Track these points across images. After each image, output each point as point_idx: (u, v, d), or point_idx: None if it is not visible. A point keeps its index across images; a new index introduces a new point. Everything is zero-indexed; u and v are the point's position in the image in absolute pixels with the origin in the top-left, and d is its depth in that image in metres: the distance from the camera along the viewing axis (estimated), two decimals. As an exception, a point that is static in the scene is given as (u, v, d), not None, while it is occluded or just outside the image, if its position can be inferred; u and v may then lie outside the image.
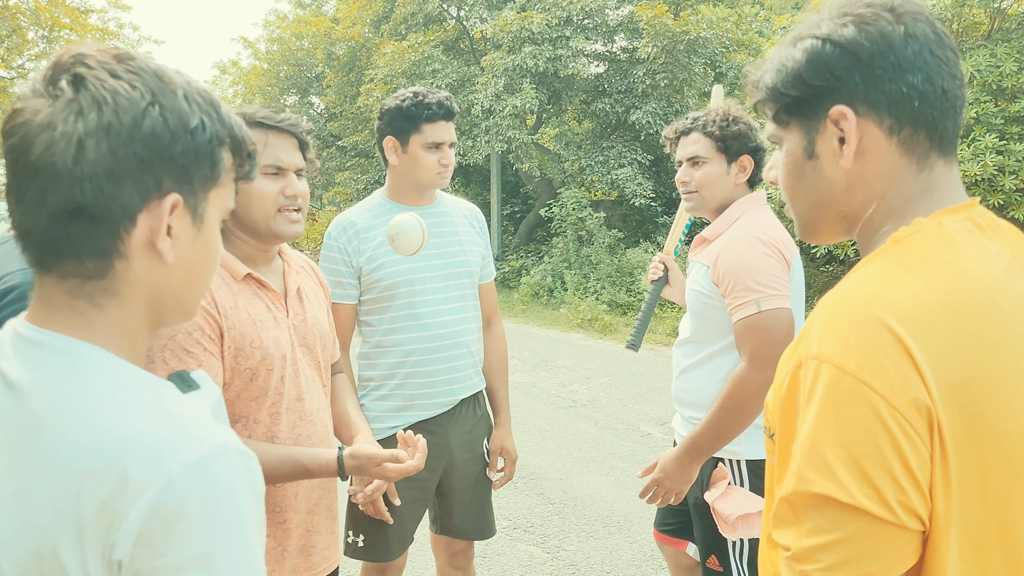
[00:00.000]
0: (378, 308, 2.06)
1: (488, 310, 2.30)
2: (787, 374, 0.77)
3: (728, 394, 1.81)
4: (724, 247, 1.89)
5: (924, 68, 0.79)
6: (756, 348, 1.80)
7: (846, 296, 0.77)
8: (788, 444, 0.76)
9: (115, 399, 0.68)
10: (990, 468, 0.71)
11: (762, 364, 1.78)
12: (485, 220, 2.28)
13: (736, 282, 1.83)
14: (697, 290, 1.98)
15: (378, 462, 1.51)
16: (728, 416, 1.82)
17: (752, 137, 1.99)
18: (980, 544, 0.72)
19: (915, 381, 0.70)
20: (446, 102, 2.03)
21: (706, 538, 2.00)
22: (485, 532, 2.29)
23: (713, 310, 1.93)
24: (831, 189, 0.85)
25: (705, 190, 1.99)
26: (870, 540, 0.69)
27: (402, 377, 2.06)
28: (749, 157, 1.98)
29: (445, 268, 2.09)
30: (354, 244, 2.05)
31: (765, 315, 1.79)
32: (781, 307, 1.80)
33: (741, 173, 1.99)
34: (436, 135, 2.02)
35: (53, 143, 0.65)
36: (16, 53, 13.31)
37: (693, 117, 2.05)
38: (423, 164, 2.05)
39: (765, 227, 1.89)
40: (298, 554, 1.59)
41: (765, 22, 15.58)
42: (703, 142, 1.98)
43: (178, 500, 0.63)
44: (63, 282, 0.70)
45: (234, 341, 1.44)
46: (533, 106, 12.02)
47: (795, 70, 0.83)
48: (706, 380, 1.96)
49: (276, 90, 19.71)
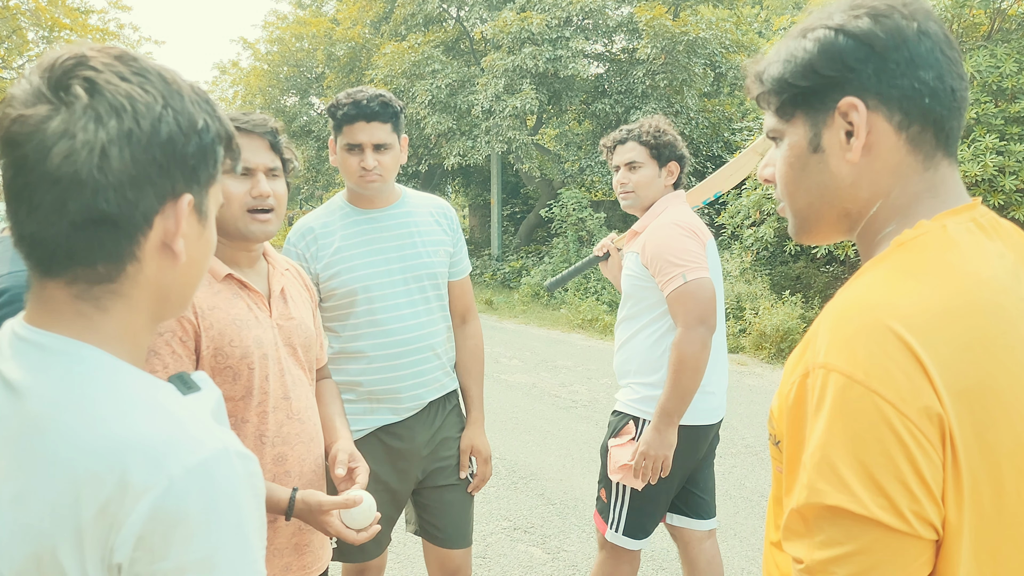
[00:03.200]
0: (339, 315, 2.02)
1: (463, 307, 2.24)
2: (794, 383, 0.75)
3: (675, 358, 2.12)
4: (649, 236, 2.24)
5: (936, 66, 0.78)
6: (687, 313, 2.12)
7: (852, 302, 0.75)
8: (796, 453, 0.75)
9: (115, 401, 0.67)
10: (1003, 475, 0.70)
11: (694, 324, 2.11)
12: (456, 216, 2.22)
13: (663, 262, 2.16)
14: (630, 274, 2.32)
15: (326, 509, 1.46)
16: (681, 376, 2.11)
17: (678, 147, 2.33)
18: (996, 551, 0.71)
19: (925, 388, 0.68)
20: (366, 103, 1.92)
21: (602, 475, 2.37)
22: (469, 536, 2.23)
23: (644, 290, 2.26)
24: (836, 184, 0.83)
25: (640, 191, 2.33)
26: (884, 551, 0.68)
27: (367, 384, 2.03)
28: (676, 163, 2.34)
29: (405, 272, 2.04)
30: (312, 250, 2.01)
31: (690, 284, 2.12)
32: (703, 276, 2.14)
33: (669, 176, 2.34)
34: (353, 136, 1.94)
35: (74, 152, 0.64)
36: (16, 54, 13.32)
37: (627, 128, 2.37)
38: (344, 167, 2.00)
39: (682, 216, 2.25)
40: (291, 552, 1.59)
41: (765, 23, 15.58)
42: (638, 149, 2.31)
43: (179, 503, 0.63)
44: (70, 286, 0.70)
45: (212, 341, 1.44)
46: (533, 107, 12.02)
47: (806, 60, 0.81)
48: (639, 346, 2.29)
49: (276, 91, 19.70)
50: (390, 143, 1.98)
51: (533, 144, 12.99)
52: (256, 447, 1.51)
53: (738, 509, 3.95)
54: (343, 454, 1.61)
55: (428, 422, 2.12)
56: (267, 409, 1.52)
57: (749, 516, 3.86)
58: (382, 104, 1.94)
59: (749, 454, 4.78)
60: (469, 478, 2.21)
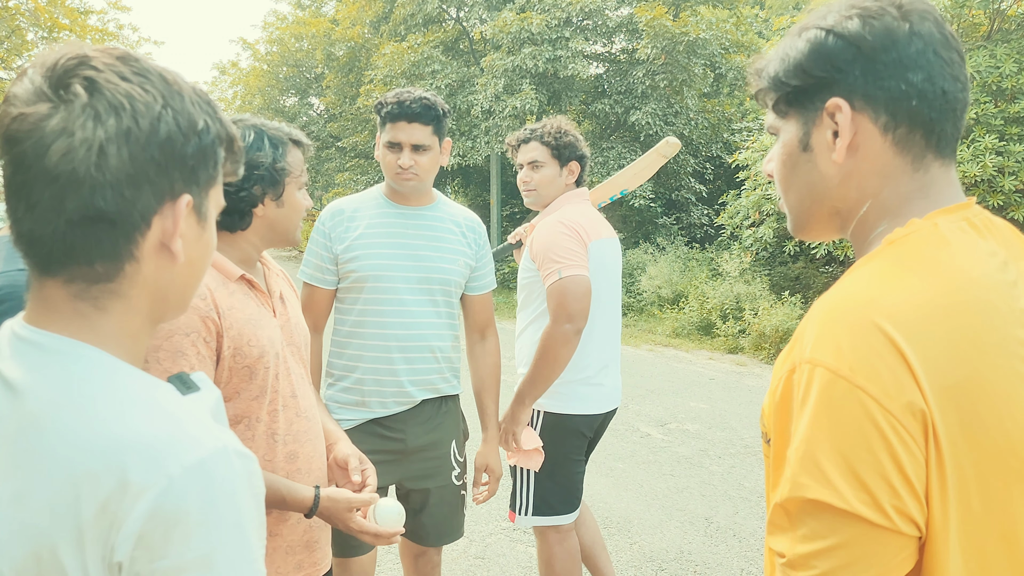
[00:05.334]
0: (349, 298, 2.07)
1: (482, 321, 2.27)
2: (781, 378, 0.76)
3: (539, 348, 2.26)
4: (537, 232, 2.37)
5: (926, 67, 0.78)
6: (557, 307, 2.22)
7: (840, 299, 0.76)
8: (783, 449, 0.75)
9: (114, 401, 0.67)
10: (989, 471, 0.70)
11: (562, 319, 2.21)
12: (484, 231, 2.25)
13: (544, 257, 2.28)
14: (523, 267, 2.47)
15: (352, 507, 1.52)
16: (538, 365, 2.26)
17: (579, 147, 2.44)
18: (983, 548, 0.70)
19: (909, 384, 0.69)
20: (410, 103, 1.98)
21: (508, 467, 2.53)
22: (447, 536, 2.26)
23: (532, 282, 2.40)
24: (824, 183, 0.84)
25: (541, 189, 2.45)
26: (865, 545, 0.69)
27: (361, 372, 2.06)
28: (576, 163, 2.44)
29: (418, 271, 2.06)
30: (338, 231, 2.05)
31: (565, 280, 2.22)
32: (578, 274, 2.23)
33: (570, 175, 2.45)
34: (393, 135, 2.01)
35: (72, 150, 0.65)
36: (16, 54, 13.31)
37: (531, 128, 2.47)
38: (384, 163, 2.07)
39: (571, 215, 2.34)
40: (303, 550, 1.60)
41: (765, 23, 15.59)
42: (540, 149, 2.43)
43: (178, 502, 0.63)
44: (68, 285, 0.70)
45: (233, 340, 1.45)
46: (533, 107, 12.02)
47: (797, 59, 0.82)
48: (531, 338, 2.41)
49: (276, 91, 19.72)
50: (429, 145, 2.03)
51: (533, 144, 12.98)
52: (268, 446, 1.52)
53: (737, 509, 3.95)
54: (354, 460, 1.65)
55: (421, 420, 2.13)
56: (277, 407, 1.53)
57: (748, 516, 3.86)
58: (424, 106, 1.99)
59: (748, 454, 4.79)
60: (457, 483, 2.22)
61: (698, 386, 6.61)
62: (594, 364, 2.38)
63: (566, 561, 2.45)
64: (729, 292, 8.73)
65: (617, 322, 2.50)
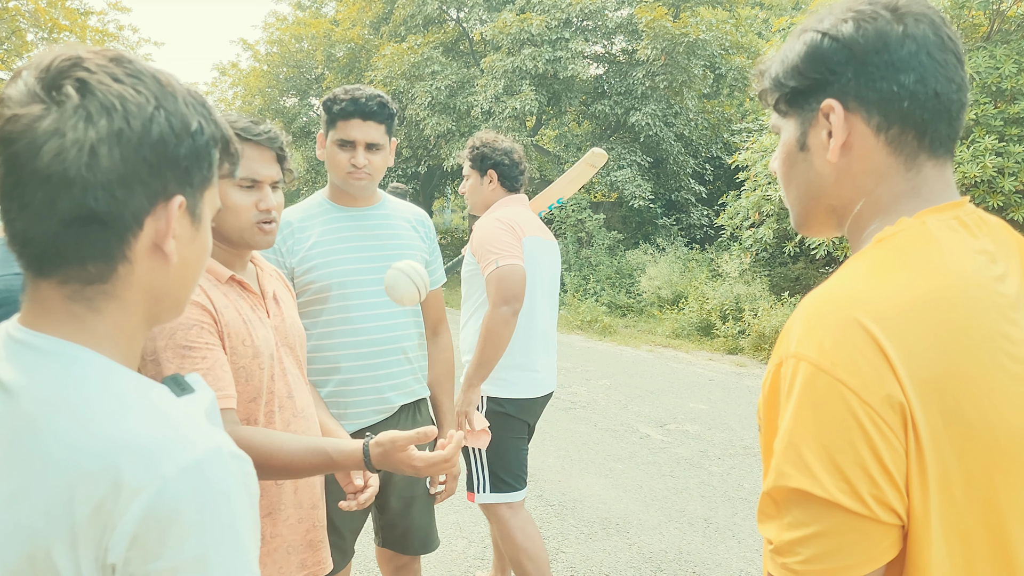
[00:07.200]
0: (312, 311, 1.98)
1: (434, 318, 2.24)
2: (770, 372, 0.79)
3: (481, 331, 2.46)
4: (475, 229, 2.61)
5: (918, 69, 0.80)
6: (495, 293, 2.43)
7: (825, 296, 0.78)
8: (771, 440, 0.78)
9: (109, 402, 0.67)
10: (972, 462, 0.72)
11: (500, 303, 2.42)
12: (432, 225, 2.20)
13: (482, 250, 2.51)
14: (466, 262, 2.69)
15: (402, 445, 1.40)
16: (485, 346, 2.45)
17: (491, 156, 2.68)
18: (966, 537, 0.73)
19: (888, 378, 0.71)
20: (364, 101, 1.93)
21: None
22: (430, 545, 2.24)
23: (475, 276, 2.61)
24: (820, 182, 0.87)
25: (470, 197, 2.78)
26: (847, 534, 0.71)
27: (336, 384, 1.99)
28: (493, 170, 2.69)
29: (382, 272, 1.97)
30: (288, 244, 1.97)
31: (502, 269, 2.44)
32: (513, 263, 2.45)
33: (491, 182, 2.71)
34: (347, 132, 1.94)
35: (64, 150, 0.65)
36: (15, 55, 13.32)
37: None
38: (332, 162, 1.99)
39: (507, 214, 2.60)
40: (306, 549, 1.61)
41: (764, 24, 15.60)
42: (465, 162, 2.77)
43: (172, 503, 0.63)
44: (62, 287, 0.70)
45: (229, 339, 1.45)
46: (533, 108, 12.03)
47: (794, 61, 0.86)
48: (472, 328, 2.63)
49: (276, 92, 19.70)
50: (382, 144, 1.99)
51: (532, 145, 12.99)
52: None
53: (736, 510, 3.95)
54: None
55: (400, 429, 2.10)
56: (274, 408, 1.53)
57: (747, 517, 3.86)
58: (380, 104, 1.95)
59: (748, 455, 4.79)
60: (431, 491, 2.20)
61: (698, 387, 6.61)
62: (530, 352, 2.61)
63: (525, 528, 2.64)
64: (729, 293, 8.73)
65: (552, 314, 2.75)
